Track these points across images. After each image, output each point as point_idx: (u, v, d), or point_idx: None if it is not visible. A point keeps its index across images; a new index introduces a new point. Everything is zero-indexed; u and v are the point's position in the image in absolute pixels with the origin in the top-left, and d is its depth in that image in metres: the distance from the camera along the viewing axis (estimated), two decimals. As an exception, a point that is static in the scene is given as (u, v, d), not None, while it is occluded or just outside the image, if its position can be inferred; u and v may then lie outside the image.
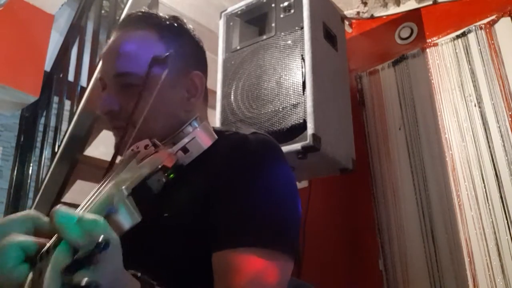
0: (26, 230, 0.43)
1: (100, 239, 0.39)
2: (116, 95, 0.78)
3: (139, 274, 0.49)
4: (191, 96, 0.83)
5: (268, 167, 0.73)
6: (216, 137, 0.72)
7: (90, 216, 0.40)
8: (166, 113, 0.78)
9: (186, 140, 0.67)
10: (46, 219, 0.45)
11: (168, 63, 0.72)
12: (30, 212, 0.45)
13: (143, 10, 0.86)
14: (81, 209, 0.51)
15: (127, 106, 0.77)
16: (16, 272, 0.39)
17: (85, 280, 0.36)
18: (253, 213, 0.67)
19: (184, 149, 0.66)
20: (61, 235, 0.39)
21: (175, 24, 0.85)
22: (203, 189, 0.71)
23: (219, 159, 0.72)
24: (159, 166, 0.58)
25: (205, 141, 0.69)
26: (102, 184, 0.57)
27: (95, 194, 0.54)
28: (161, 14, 0.86)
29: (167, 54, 0.72)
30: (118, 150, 0.66)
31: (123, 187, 0.50)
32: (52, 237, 0.42)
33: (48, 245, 0.41)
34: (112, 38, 0.82)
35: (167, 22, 0.84)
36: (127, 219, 0.48)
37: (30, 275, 0.39)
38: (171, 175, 0.61)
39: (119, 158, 0.68)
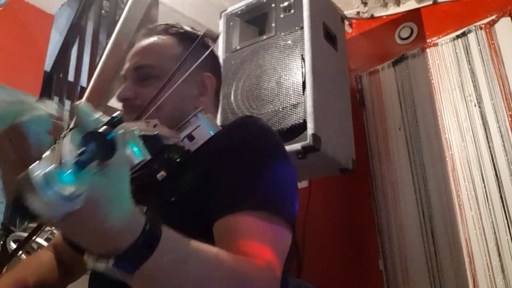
0: None
1: (115, 115, 0.41)
2: (133, 85, 0.88)
3: (144, 208, 0.49)
4: (200, 94, 0.91)
5: (264, 141, 0.78)
6: (219, 127, 0.80)
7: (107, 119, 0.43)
8: (175, 104, 0.84)
9: (191, 128, 0.73)
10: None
11: (184, 84, 0.81)
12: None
13: (166, 23, 0.97)
14: None
15: (142, 94, 0.85)
16: (43, 137, 0.43)
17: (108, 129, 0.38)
18: (251, 180, 0.70)
19: (190, 137, 0.71)
20: (81, 122, 0.41)
21: (193, 33, 0.95)
22: (205, 170, 0.74)
23: (219, 141, 0.77)
24: (165, 140, 0.60)
25: (209, 130, 0.75)
26: None
27: None
28: (181, 25, 0.97)
29: (219, 34, 0.80)
30: None
31: (135, 127, 0.51)
32: None
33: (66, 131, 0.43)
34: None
35: (185, 30, 0.95)
36: (136, 154, 0.49)
37: (52, 147, 0.41)
38: (178, 159, 0.63)
39: None
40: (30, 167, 0.36)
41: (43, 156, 0.39)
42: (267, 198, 0.69)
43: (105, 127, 0.40)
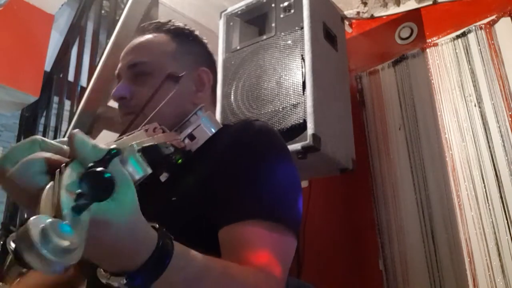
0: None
1: (111, 147, 0.41)
2: (128, 83, 0.86)
3: (157, 225, 0.49)
4: (198, 90, 0.89)
5: (269, 147, 0.77)
6: (221, 125, 0.78)
7: (104, 146, 0.43)
8: (174, 104, 0.80)
9: (191, 128, 0.73)
10: (49, 142, 0.47)
11: (180, 81, 0.79)
12: (35, 137, 0.46)
13: (157, 21, 0.95)
14: None
15: (138, 93, 0.84)
16: (37, 179, 0.41)
17: (106, 169, 0.38)
18: (257, 188, 0.70)
19: (191, 136, 0.72)
20: (77, 155, 0.41)
21: (186, 29, 0.94)
22: (208, 172, 0.74)
23: (223, 143, 0.76)
24: (168, 143, 0.60)
25: (210, 128, 0.75)
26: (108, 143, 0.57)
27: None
28: (174, 22, 0.94)
29: (182, 74, 0.79)
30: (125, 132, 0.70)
31: (134, 143, 0.51)
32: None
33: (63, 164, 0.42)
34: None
35: (178, 27, 0.93)
36: (137, 170, 0.49)
37: (48, 185, 0.40)
38: (179, 160, 0.64)
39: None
40: (27, 222, 0.34)
41: (41, 201, 0.38)
42: (273, 207, 0.69)
43: (101, 163, 0.40)
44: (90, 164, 0.39)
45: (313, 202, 2.03)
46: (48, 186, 0.40)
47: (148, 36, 0.90)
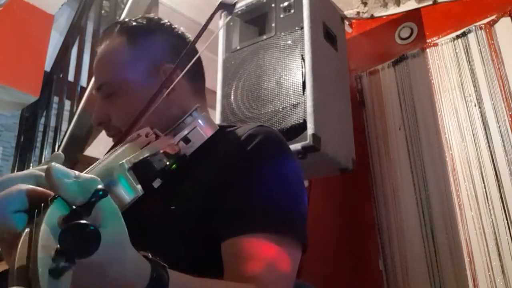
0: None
1: (98, 187, 0.37)
2: (103, 106, 0.83)
3: (149, 255, 0.46)
4: (168, 92, 0.79)
5: (275, 157, 0.75)
6: (217, 127, 0.73)
7: (88, 175, 0.39)
8: (152, 115, 0.72)
9: (186, 130, 0.68)
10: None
11: (147, 87, 0.77)
12: (33, 170, 0.44)
13: (114, 22, 0.90)
14: None
15: (113, 114, 0.81)
16: (15, 219, 0.37)
17: (84, 220, 0.34)
18: (262, 200, 0.68)
19: (186, 139, 0.67)
20: (57, 191, 0.37)
21: (143, 23, 0.86)
22: (210, 181, 0.71)
23: (227, 151, 0.74)
24: (161, 151, 0.58)
25: (206, 131, 0.72)
26: (99, 161, 0.54)
27: (93, 167, 0.51)
28: (131, 19, 0.87)
29: (235, 1, 0.76)
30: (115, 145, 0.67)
31: (124, 160, 0.49)
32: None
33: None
34: None
35: (134, 24, 0.86)
36: (128, 192, 0.47)
37: (27, 229, 0.36)
38: (174, 166, 0.61)
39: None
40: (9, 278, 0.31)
41: (17, 254, 0.34)
42: (280, 220, 0.67)
43: (86, 207, 0.36)
44: (74, 207, 0.36)
45: (313, 202, 2.03)
46: (24, 234, 0.36)
47: (105, 46, 0.84)
